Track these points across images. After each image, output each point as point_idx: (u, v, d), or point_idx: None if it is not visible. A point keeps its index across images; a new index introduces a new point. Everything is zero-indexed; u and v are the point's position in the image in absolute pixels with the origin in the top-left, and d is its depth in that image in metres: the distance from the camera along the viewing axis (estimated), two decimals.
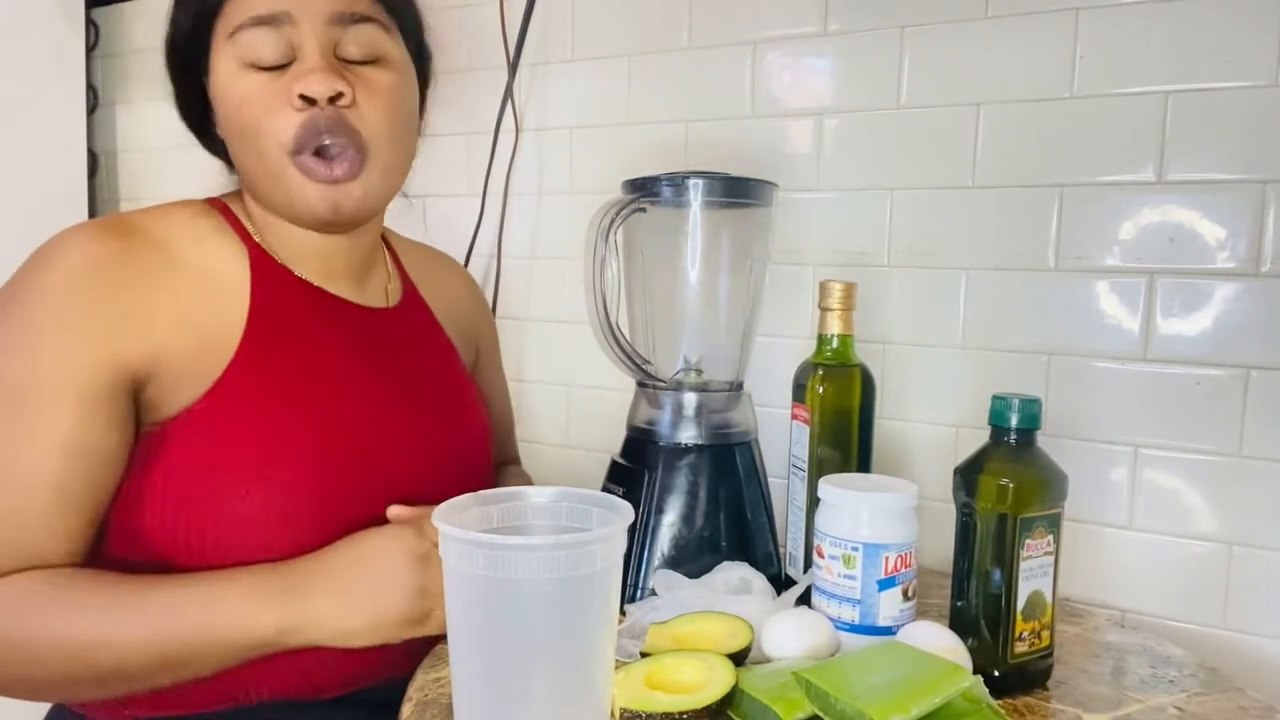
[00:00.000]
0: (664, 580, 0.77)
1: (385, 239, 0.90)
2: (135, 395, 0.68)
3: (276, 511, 0.69)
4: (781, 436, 0.86)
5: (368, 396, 0.76)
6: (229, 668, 0.66)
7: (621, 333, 0.84)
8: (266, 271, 0.75)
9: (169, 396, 0.68)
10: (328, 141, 0.70)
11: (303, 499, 0.70)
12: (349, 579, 0.66)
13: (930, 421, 1.00)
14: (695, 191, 0.84)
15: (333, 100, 0.70)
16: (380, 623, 0.66)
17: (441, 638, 0.72)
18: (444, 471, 0.79)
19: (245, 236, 0.76)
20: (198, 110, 0.78)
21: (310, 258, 0.78)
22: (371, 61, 0.74)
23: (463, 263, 1.25)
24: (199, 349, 0.69)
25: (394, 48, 0.76)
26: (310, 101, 0.69)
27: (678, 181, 0.83)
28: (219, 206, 0.78)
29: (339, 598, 0.66)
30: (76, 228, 0.69)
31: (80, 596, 0.64)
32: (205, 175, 0.85)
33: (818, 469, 0.79)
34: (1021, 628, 0.66)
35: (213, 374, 0.69)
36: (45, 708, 0.77)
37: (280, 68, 0.71)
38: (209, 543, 0.67)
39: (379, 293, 0.85)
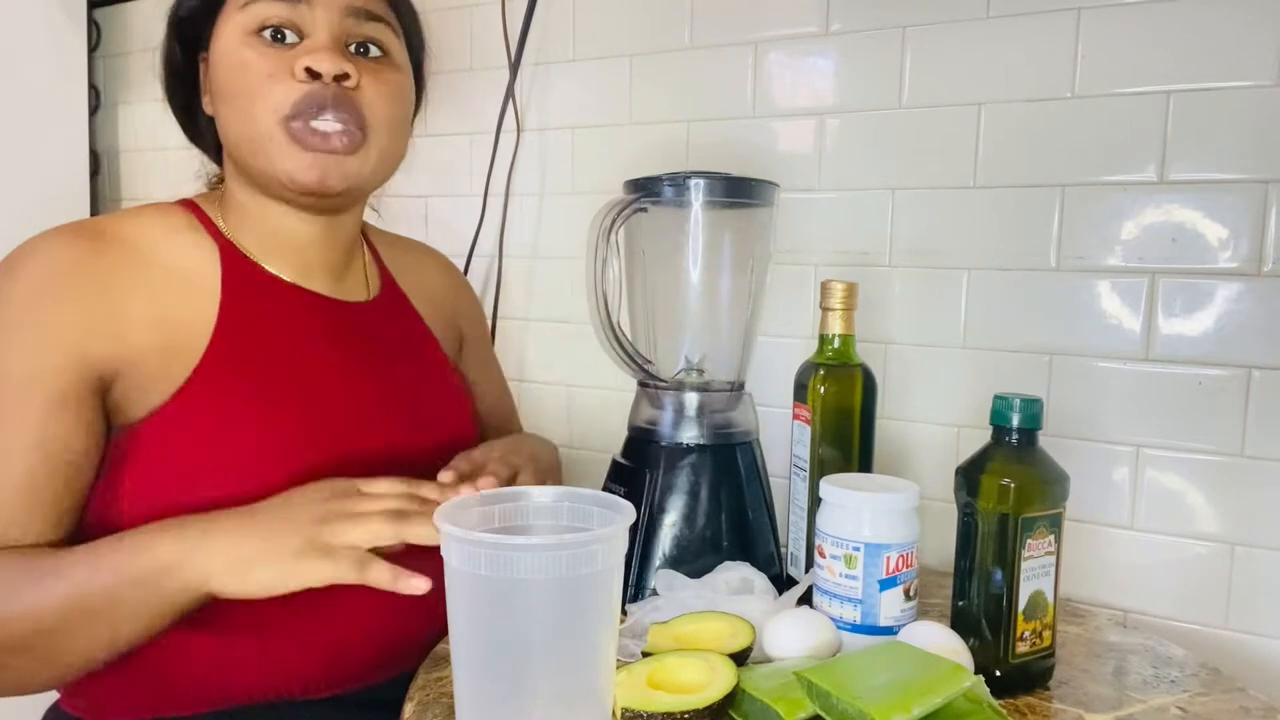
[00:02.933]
0: (665, 580, 0.77)
1: (364, 233, 0.90)
2: (103, 396, 0.68)
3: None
4: (783, 436, 0.86)
5: (344, 391, 0.76)
6: (153, 620, 0.62)
7: (623, 333, 0.84)
8: (238, 268, 0.74)
9: (137, 397, 0.68)
10: (329, 116, 0.70)
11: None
12: (255, 514, 0.63)
13: (932, 421, 1.00)
14: (696, 191, 0.84)
15: (337, 79, 0.71)
16: (271, 550, 0.60)
17: (443, 636, 0.72)
18: (428, 461, 0.78)
19: (216, 234, 0.75)
20: (187, 90, 0.79)
21: (285, 253, 0.78)
22: (376, 58, 0.75)
23: (464, 263, 1.25)
24: (167, 349, 0.68)
25: (399, 51, 0.78)
26: (314, 76, 0.70)
27: (679, 181, 0.83)
28: (190, 207, 0.77)
29: (238, 530, 0.62)
30: (44, 234, 0.69)
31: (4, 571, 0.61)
32: (207, 176, 0.85)
33: (819, 469, 0.79)
34: (1023, 628, 0.66)
35: (182, 374, 0.68)
36: (42, 709, 0.77)
37: (287, 45, 0.71)
38: None
39: (356, 286, 0.84)
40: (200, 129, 0.82)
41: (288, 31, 0.71)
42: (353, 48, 0.74)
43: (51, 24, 1.44)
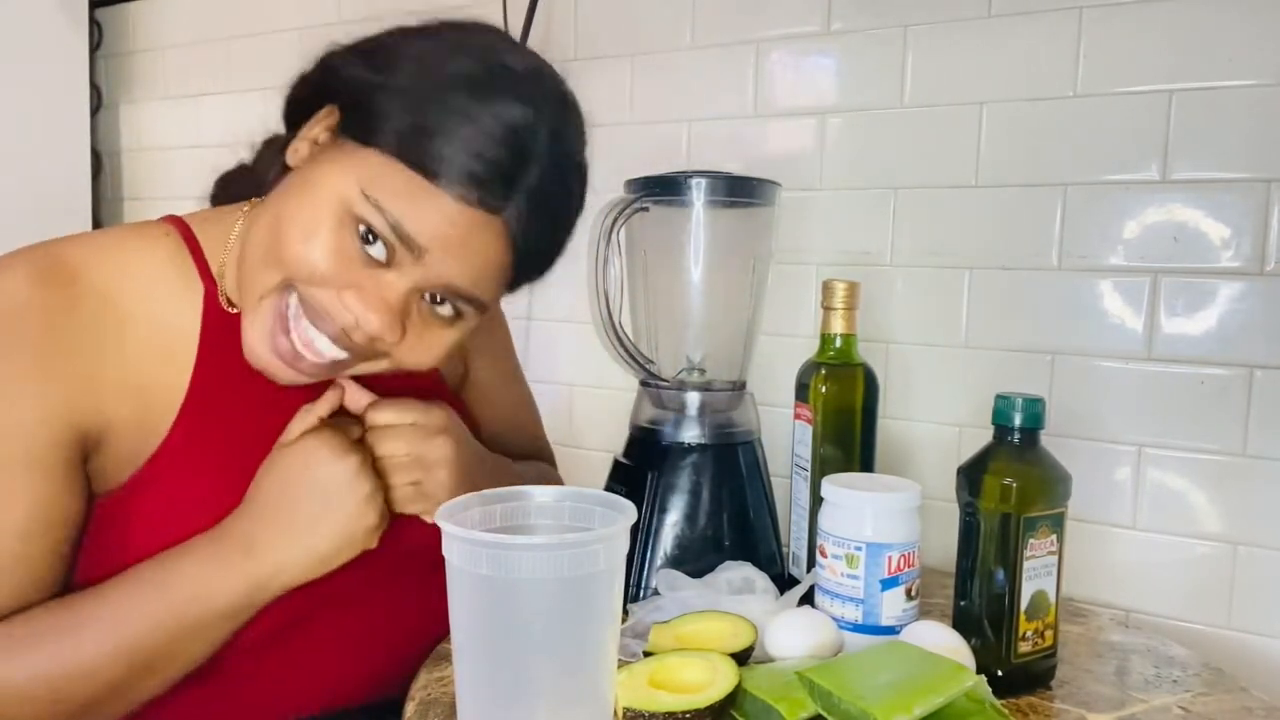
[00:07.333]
0: (667, 580, 0.77)
1: None
2: (85, 462, 0.63)
3: None
4: (784, 436, 0.86)
5: None
6: (221, 642, 0.63)
7: (625, 332, 0.84)
8: (218, 323, 0.67)
9: (113, 466, 0.64)
10: (316, 333, 0.62)
11: None
12: (295, 512, 0.62)
13: (933, 421, 0.99)
14: (698, 191, 0.83)
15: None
16: (350, 538, 0.63)
17: (445, 638, 0.71)
18: (410, 527, 0.70)
19: (205, 272, 0.68)
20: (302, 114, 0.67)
21: None
22: (445, 316, 0.65)
23: None
24: (141, 414, 0.64)
25: (474, 316, 0.67)
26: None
27: (680, 181, 0.83)
28: (183, 232, 0.69)
29: (295, 535, 0.62)
30: (10, 267, 0.62)
31: (36, 631, 0.59)
32: (209, 176, 0.85)
33: (821, 468, 0.79)
34: (1025, 627, 0.66)
35: (155, 440, 0.64)
36: None
37: (369, 257, 0.61)
38: None
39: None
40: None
41: (382, 248, 0.60)
42: (426, 296, 0.64)
43: (53, 23, 1.44)
